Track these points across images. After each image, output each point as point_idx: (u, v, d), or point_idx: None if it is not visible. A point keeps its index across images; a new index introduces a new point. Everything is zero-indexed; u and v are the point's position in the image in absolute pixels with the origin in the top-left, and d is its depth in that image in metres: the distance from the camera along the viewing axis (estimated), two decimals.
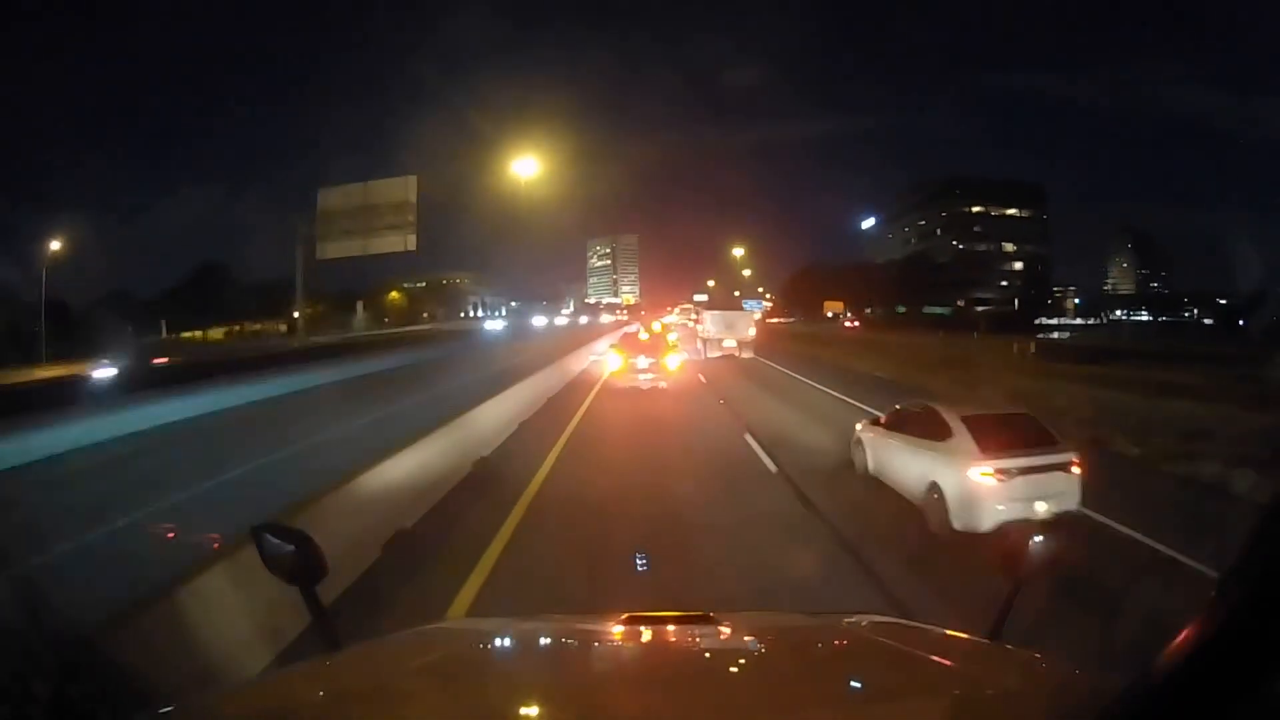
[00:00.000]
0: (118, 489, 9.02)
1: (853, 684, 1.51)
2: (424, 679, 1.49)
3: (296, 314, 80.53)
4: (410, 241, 29.83)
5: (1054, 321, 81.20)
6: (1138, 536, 6.97)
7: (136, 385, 18.50)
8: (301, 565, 1.64)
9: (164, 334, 60.16)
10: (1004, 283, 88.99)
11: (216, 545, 4.05)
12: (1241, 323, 60.17)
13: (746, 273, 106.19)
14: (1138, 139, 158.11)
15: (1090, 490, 7.14)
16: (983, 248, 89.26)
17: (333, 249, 30.72)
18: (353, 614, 4.42)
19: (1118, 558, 6.48)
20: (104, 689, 1.23)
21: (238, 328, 77.96)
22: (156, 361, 28.83)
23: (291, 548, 1.63)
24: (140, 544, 5.59)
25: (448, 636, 2.00)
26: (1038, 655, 1.59)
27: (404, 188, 29.84)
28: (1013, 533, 1.79)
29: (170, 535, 5.15)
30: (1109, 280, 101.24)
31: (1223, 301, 73.14)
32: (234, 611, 3.82)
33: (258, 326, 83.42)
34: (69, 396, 15.65)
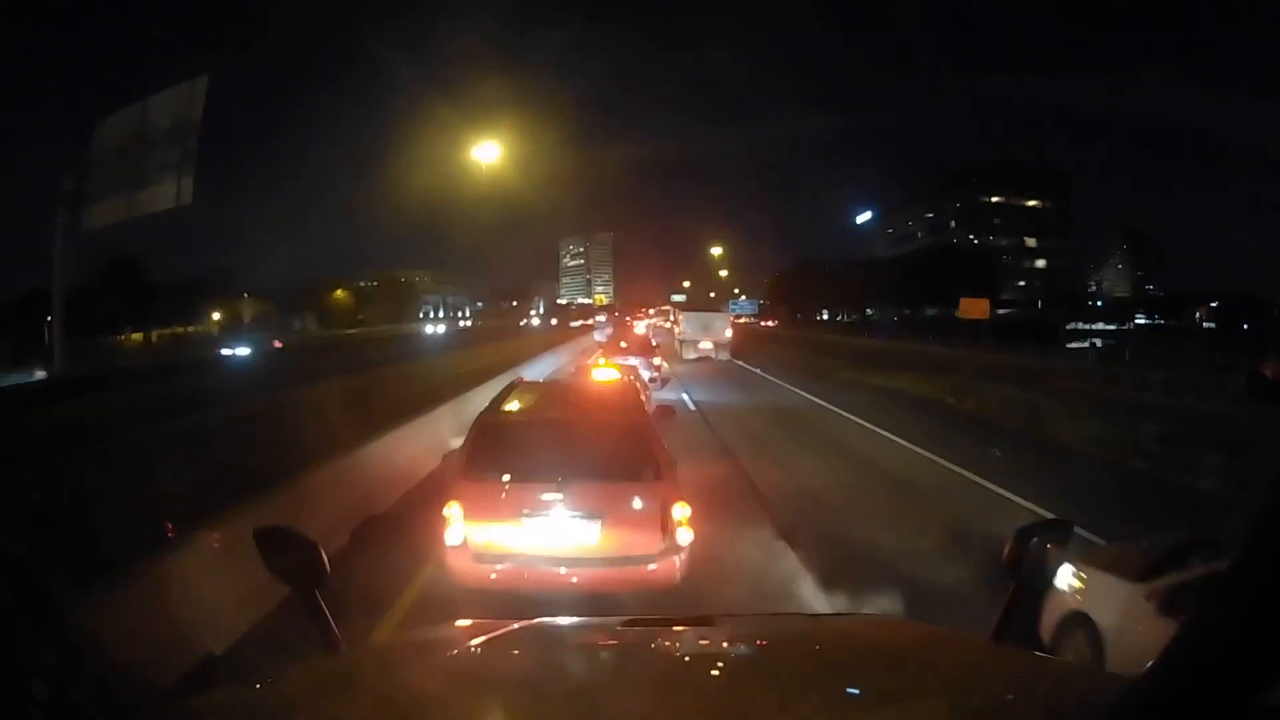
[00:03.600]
0: None
1: (855, 686, 1.48)
2: (424, 682, 1.49)
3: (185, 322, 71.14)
4: (185, 190, 17.34)
5: (1092, 326, 71.32)
6: None
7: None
8: (304, 569, 1.67)
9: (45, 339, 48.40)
10: (1023, 282, 79.35)
11: (217, 542, 4.16)
12: (1245, 326, 58.46)
13: (724, 274, 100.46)
14: (1129, 141, 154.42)
15: None
16: (1003, 242, 79.41)
17: (101, 212, 18.82)
18: None
19: None
20: (104, 689, 1.09)
21: (157, 334, 69.22)
22: None
23: (294, 552, 1.67)
24: (139, 537, 4.73)
25: (447, 639, 1.97)
26: (1040, 655, 1.68)
27: (186, 100, 17.61)
28: (1015, 533, 1.67)
29: (170, 534, 4.54)
30: (1094, 281, 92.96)
31: (1215, 304, 71.59)
32: (232, 605, 4.10)
33: (187, 329, 73.81)
34: None
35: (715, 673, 1.62)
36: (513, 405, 5.82)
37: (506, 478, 5.02)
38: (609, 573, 4.89)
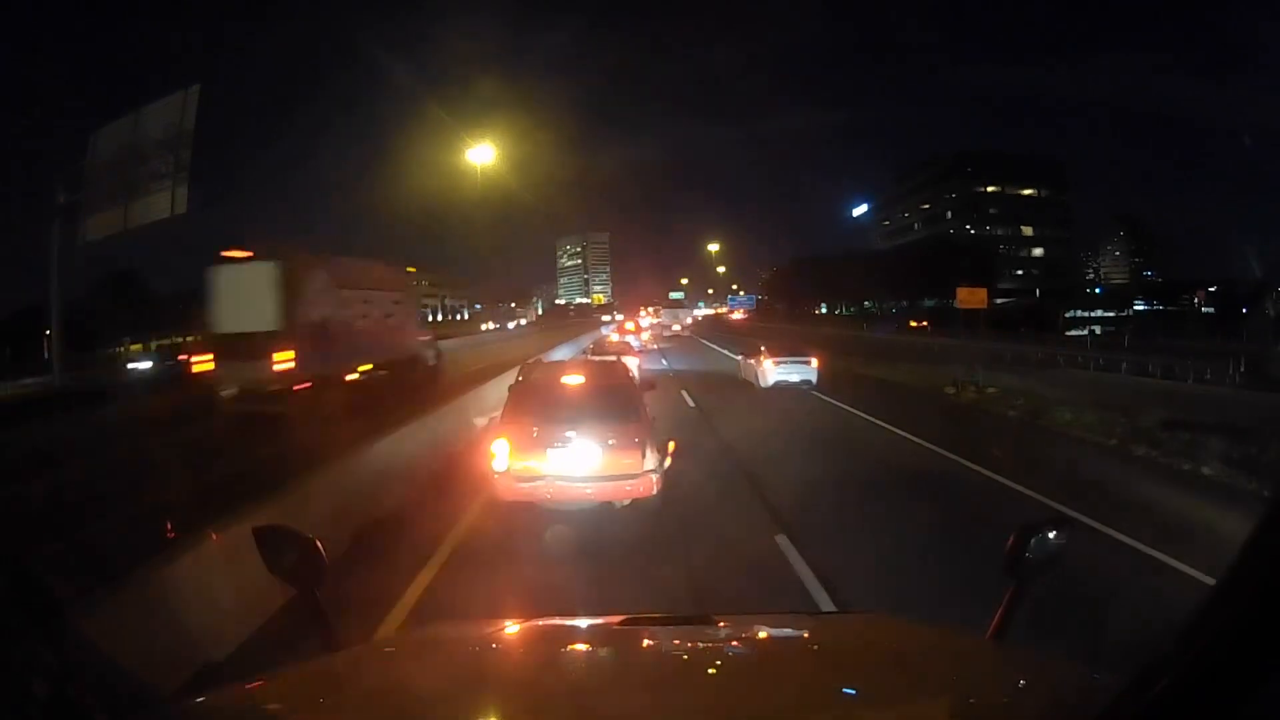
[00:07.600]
0: None
1: (854, 686, 1.48)
2: (424, 681, 1.50)
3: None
4: (180, 199, 17.64)
5: (1091, 313, 70.85)
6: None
7: None
8: (303, 567, 1.65)
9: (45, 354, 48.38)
10: (1020, 270, 79.16)
11: (216, 539, 4.18)
12: (1245, 310, 57.19)
13: (722, 270, 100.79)
14: (1123, 127, 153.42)
15: None
16: (1000, 231, 79.25)
17: (96, 224, 18.96)
18: None
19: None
20: (103, 688, 1.13)
21: (156, 344, 69.48)
22: None
23: (294, 550, 1.65)
24: (139, 536, 5.14)
25: (447, 638, 1.98)
26: (1039, 655, 1.60)
27: (179, 110, 17.93)
28: (1016, 532, 1.70)
29: (171, 534, 4.75)
30: (1092, 268, 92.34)
31: (1213, 289, 69.92)
32: (231, 603, 4.13)
33: (185, 338, 73.73)
34: None
35: (714, 672, 1.62)
36: (533, 377, 7.86)
37: (535, 423, 6.78)
38: (606, 486, 6.60)
